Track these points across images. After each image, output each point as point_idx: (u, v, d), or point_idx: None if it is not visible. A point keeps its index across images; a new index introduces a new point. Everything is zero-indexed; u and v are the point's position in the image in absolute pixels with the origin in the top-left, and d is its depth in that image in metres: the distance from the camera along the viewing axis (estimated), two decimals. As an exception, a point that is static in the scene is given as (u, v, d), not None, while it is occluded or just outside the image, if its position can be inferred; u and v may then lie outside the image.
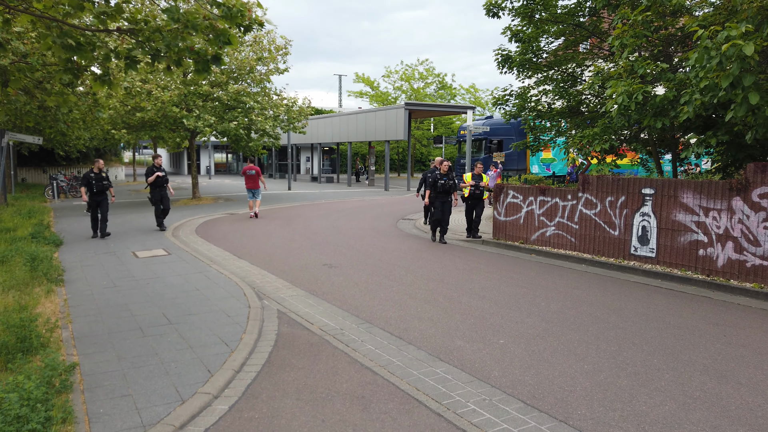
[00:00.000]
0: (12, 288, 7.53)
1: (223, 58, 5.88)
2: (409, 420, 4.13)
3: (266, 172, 51.43)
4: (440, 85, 50.69)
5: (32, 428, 3.55)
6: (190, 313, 6.76)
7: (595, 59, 13.86)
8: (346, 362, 5.28)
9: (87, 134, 24.39)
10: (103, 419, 4.06)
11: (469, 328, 6.32)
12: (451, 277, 8.90)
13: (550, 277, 9.02)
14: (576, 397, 4.50)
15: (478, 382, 4.82)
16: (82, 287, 8.08)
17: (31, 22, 5.90)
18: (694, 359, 5.36)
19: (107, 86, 6.07)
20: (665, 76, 9.34)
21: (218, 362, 5.18)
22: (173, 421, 4.03)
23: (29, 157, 34.50)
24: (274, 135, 23.15)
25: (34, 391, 3.83)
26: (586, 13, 13.12)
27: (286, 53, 22.86)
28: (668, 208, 9.09)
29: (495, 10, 13.31)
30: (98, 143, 30.91)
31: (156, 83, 20.33)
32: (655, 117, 9.30)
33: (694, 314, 6.91)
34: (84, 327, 6.19)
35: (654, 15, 9.57)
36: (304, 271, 9.37)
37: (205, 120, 20.22)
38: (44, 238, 11.63)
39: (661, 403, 4.40)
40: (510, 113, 14.70)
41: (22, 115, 12.94)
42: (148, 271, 9.25)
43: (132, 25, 5.76)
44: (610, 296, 7.79)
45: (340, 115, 38.84)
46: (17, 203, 20.57)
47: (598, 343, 5.82)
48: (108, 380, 4.75)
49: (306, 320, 6.61)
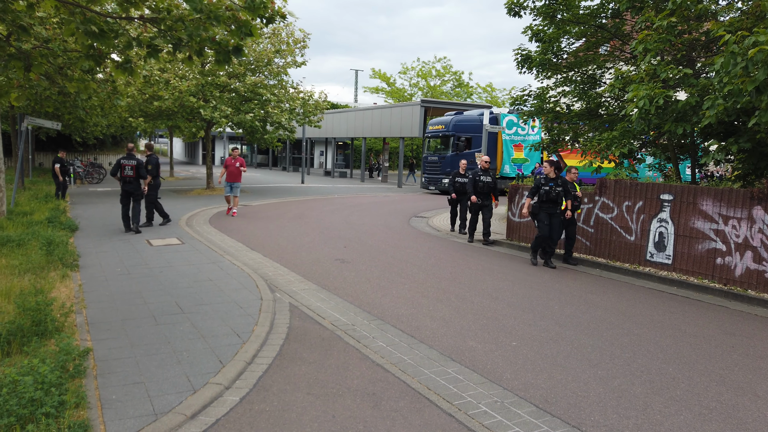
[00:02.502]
0: (28, 271, 7.61)
1: (244, 50, 5.85)
2: (420, 419, 4.11)
3: (280, 165, 51.61)
4: (457, 83, 50.49)
5: (46, 412, 3.57)
6: (203, 303, 6.78)
7: (616, 62, 13.69)
8: (358, 358, 5.27)
9: (104, 121, 24.62)
10: (116, 405, 4.07)
11: (482, 328, 6.27)
12: (464, 277, 8.86)
13: (563, 281, 8.94)
14: (589, 403, 4.45)
15: (490, 383, 4.78)
16: (97, 273, 8.14)
17: (54, 8, 5.93)
18: (710, 369, 5.27)
19: (128, 74, 6.08)
20: (688, 81, 9.21)
21: (230, 353, 5.18)
22: (185, 410, 4.04)
23: (47, 142, 34.88)
24: (290, 128, 23.19)
25: (49, 375, 3.85)
26: (609, 14, 12.96)
27: (304, 46, 22.87)
28: (687, 214, 8.97)
29: (516, 9, 13.18)
30: (115, 130, 31.15)
31: (174, 73, 20.43)
32: (677, 122, 9.16)
33: (710, 323, 6.81)
34: (98, 313, 6.23)
35: (678, 19, 9.42)
36: (316, 265, 9.36)
37: (222, 111, 20.28)
38: (60, 223, 11.74)
39: (677, 413, 4.34)
40: (528, 113, 14.57)
41: (41, 100, 13.05)
42: (162, 259, 9.30)
43: (155, 13, 5.76)
44: (625, 302, 7.70)
45: (356, 110, 38.83)
46: (34, 187, 20.82)
47: (612, 349, 5.75)
48: (121, 367, 4.77)
49: (318, 314, 6.60)
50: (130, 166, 11.76)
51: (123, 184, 11.77)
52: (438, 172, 26.77)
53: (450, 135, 26.30)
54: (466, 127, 26.31)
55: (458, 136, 26.07)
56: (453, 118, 26.59)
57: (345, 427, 3.96)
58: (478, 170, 12.07)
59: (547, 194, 9.83)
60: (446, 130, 26.50)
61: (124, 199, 11.87)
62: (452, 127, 26.24)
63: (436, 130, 27.36)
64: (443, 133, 26.71)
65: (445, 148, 26.93)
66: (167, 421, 3.87)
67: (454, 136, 26.11)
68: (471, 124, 26.36)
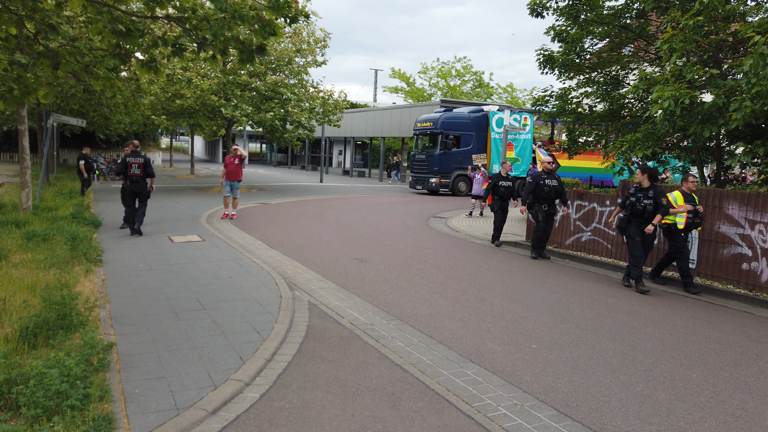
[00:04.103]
0: (53, 266, 7.75)
1: (267, 49, 5.89)
2: (439, 420, 4.09)
3: (298, 164, 51.88)
4: (477, 83, 50.24)
5: (71, 404, 3.63)
6: (223, 300, 6.84)
7: (640, 62, 13.51)
8: (376, 358, 5.27)
9: (127, 119, 24.99)
10: (138, 399, 4.13)
11: (501, 330, 6.23)
12: (483, 278, 8.81)
13: (585, 284, 8.84)
14: (611, 408, 4.40)
15: (510, 386, 4.75)
16: (120, 269, 8.26)
17: (82, 7, 6.02)
18: (735, 376, 5.17)
19: (153, 72, 6.15)
20: (714, 83, 9.04)
21: (250, 350, 5.22)
22: (206, 405, 4.08)
23: (71, 139, 35.52)
24: (309, 127, 23.31)
25: (74, 368, 3.91)
26: (633, 14, 12.80)
27: (324, 46, 22.97)
28: (712, 218, 8.81)
29: (539, 9, 13.09)
30: (138, 128, 31.61)
31: (196, 71, 20.65)
32: (702, 124, 9.01)
33: (735, 330, 6.68)
34: (121, 308, 6.32)
35: (705, 20, 9.26)
36: (334, 264, 9.39)
37: (243, 109, 20.46)
38: (84, 218, 11.93)
39: (700, 420, 4.26)
40: (549, 114, 14.46)
41: (67, 97, 13.29)
42: (183, 256, 9.40)
43: (180, 12, 5.82)
44: (648, 306, 7.59)
45: (375, 109, 38.87)
46: (58, 183, 21.21)
47: (635, 353, 5.67)
48: (143, 361, 4.83)
49: (336, 313, 6.62)
50: (137, 164, 11.29)
51: (129, 183, 11.25)
52: (425, 171, 25.73)
53: (438, 133, 25.23)
54: (456, 125, 25.33)
55: (447, 134, 25.10)
56: (441, 115, 25.59)
57: (364, 426, 3.96)
58: (542, 173, 10.65)
59: (632, 207, 8.43)
60: (434, 127, 25.40)
61: (129, 200, 11.31)
62: (441, 124, 25.14)
63: (424, 127, 26.30)
64: (431, 131, 25.65)
65: (434, 146, 25.88)
66: (189, 416, 3.91)
67: (443, 133, 25.10)
68: (460, 122, 25.41)
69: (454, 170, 25.32)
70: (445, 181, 25.33)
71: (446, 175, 25.32)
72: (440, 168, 25.25)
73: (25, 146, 12.88)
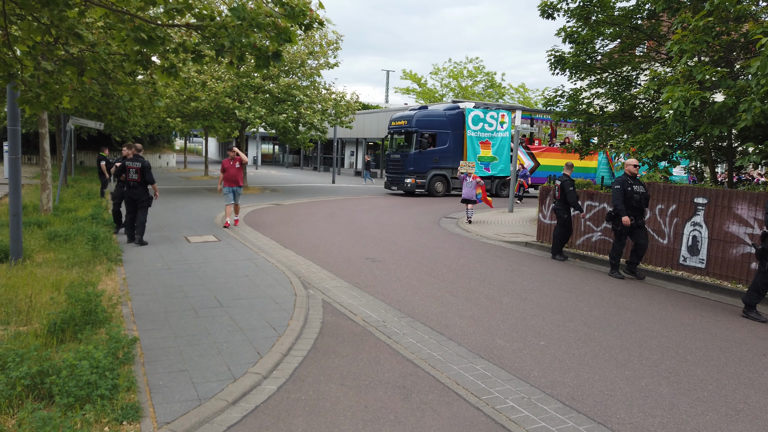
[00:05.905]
0: (75, 265, 8.02)
1: (283, 55, 6.10)
2: (449, 412, 4.26)
3: (311, 165, 52.22)
4: (489, 83, 50.24)
5: (101, 394, 3.86)
6: (240, 298, 7.06)
7: (651, 63, 13.55)
8: (388, 353, 5.45)
9: (143, 121, 25.41)
10: (163, 390, 4.34)
11: (510, 328, 6.38)
12: (493, 278, 8.95)
13: (594, 283, 8.96)
14: (615, 402, 4.54)
15: (518, 380, 4.90)
16: (139, 268, 8.52)
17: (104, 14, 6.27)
18: (740, 372, 5.28)
19: (173, 77, 6.38)
20: (725, 83, 9.10)
21: (267, 345, 5.42)
22: (226, 396, 4.29)
23: (88, 141, 36.11)
24: (322, 129, 23.54)
25: (103, 360, 4.14)
26: (645, 15, 12.85)
27: (337, 48, 23.20)
28: (721, 218, 8.88)
29: (550, 11, 13.18)
30: (153, 130, 32.07)
31: (211, 74, 20.98)
32: (713, 124, 9.08)
33: (742, 328, 6.78)
34: (142, 305, 6.57)
35: (716, 20, 9.32)
36: (347, 263, 9.58)
37: (256, 112, 20.76)
38: (103, 219, 12.23)
39: (703, 413, 4.39)
40: (560, 114, 14.54)
41: (86, 101, 13.62)
42: (200, 255, 9.65)
43: (199, 21, 6.05)
44: (656, 305, 7.70)
45: (386, 110, 39.03)
46: (77, 185, 21.63)
47: (641, 350, 5.79)
48: (166, 355, 5.05)
49: (349, 311, 6.81)
50: (134, 169, 10.52)
51: (126, 189, 10.58)
52: (400, 171, 24.90)
53: (413, 131, 24.29)
54: (431, 123, 24.53)
55: (422, 133, 24.25)
56: (416, 113, 24.78)
57: (376, 416, 4.14)
58: (627, 177, 9.29)
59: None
60: (409, 125, 24.53)
61: (129, 206, 10.62)
62: (415, 122, 24.30)
63: (398, 125, 25.36)
64: (406, 129, 24.68)
65: (408, 145, 24.82)
66: (210, 406, 4.12)
67: (418, 132, 24.20)
68: (436, 120, 24.61)
69: (430, 170, 24.54)
70: (421, 181, 24.45)
71: (422, 175, 24.48)
72: (416, 168, 24.36)
73: (45, 149, 13.20)
